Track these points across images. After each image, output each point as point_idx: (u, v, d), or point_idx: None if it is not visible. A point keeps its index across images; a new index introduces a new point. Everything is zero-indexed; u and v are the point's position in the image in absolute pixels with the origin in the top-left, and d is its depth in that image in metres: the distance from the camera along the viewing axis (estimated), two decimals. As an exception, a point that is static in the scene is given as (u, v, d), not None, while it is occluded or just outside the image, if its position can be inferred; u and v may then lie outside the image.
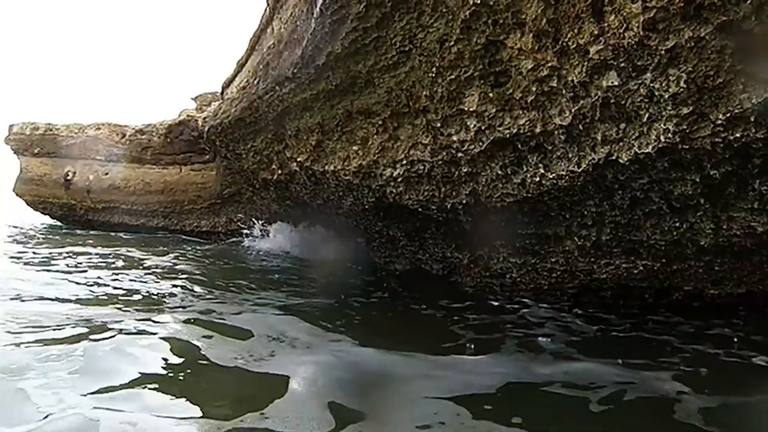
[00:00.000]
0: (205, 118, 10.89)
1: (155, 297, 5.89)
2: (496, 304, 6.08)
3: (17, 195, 15.72)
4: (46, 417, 2.65)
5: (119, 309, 5.15)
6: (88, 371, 3.26)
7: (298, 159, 6.68)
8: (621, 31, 2.97)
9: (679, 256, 4.74)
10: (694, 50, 2.81)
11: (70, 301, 5.36)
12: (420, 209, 5.80)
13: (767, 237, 4.01)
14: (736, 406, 3.17)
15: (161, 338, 4.07)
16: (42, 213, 15.75)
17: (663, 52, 2.89)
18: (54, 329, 4.06)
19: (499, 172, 4.61)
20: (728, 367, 4.04)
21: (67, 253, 9.14)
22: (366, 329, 5.01)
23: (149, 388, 3.20)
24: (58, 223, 15.72)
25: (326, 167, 6.28)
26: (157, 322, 4.51)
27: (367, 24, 4.45)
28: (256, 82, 6.70)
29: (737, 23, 2.64)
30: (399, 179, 5.43)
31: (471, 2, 3.64)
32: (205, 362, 3.73)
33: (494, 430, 2.78)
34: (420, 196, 5.50)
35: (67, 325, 4.22)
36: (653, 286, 5.24)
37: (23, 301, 5.20)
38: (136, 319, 4.56)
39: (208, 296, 6.14)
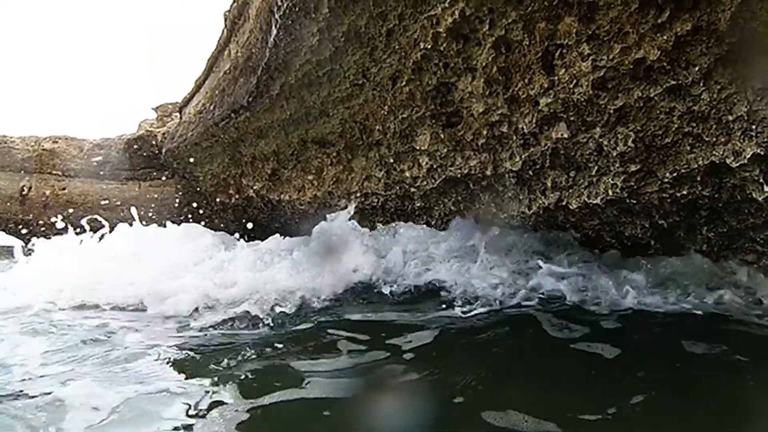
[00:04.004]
0: (164, 134, 10.67)
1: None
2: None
3: (-32, 210, 15.14)
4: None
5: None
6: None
7: (254, 187, 6.56)
8: (571, 86, 2.92)
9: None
10: (643, 110, 2.78)
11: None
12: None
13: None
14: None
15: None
16: (-3, 230, 15.18)
17: (612, 110, 2.85)
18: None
19: (452, 208, 4.56)
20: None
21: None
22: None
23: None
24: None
25: (282, 196, 6.18)
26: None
27: (321, 56, 4.35)
28: (212, 107, 6.55)
29: (686, 88, 2.61)
30: (353, 211, 5.36)
31: (422, 45, 3.57)
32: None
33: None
34: (374, 228, 5.43)
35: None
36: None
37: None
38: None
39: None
